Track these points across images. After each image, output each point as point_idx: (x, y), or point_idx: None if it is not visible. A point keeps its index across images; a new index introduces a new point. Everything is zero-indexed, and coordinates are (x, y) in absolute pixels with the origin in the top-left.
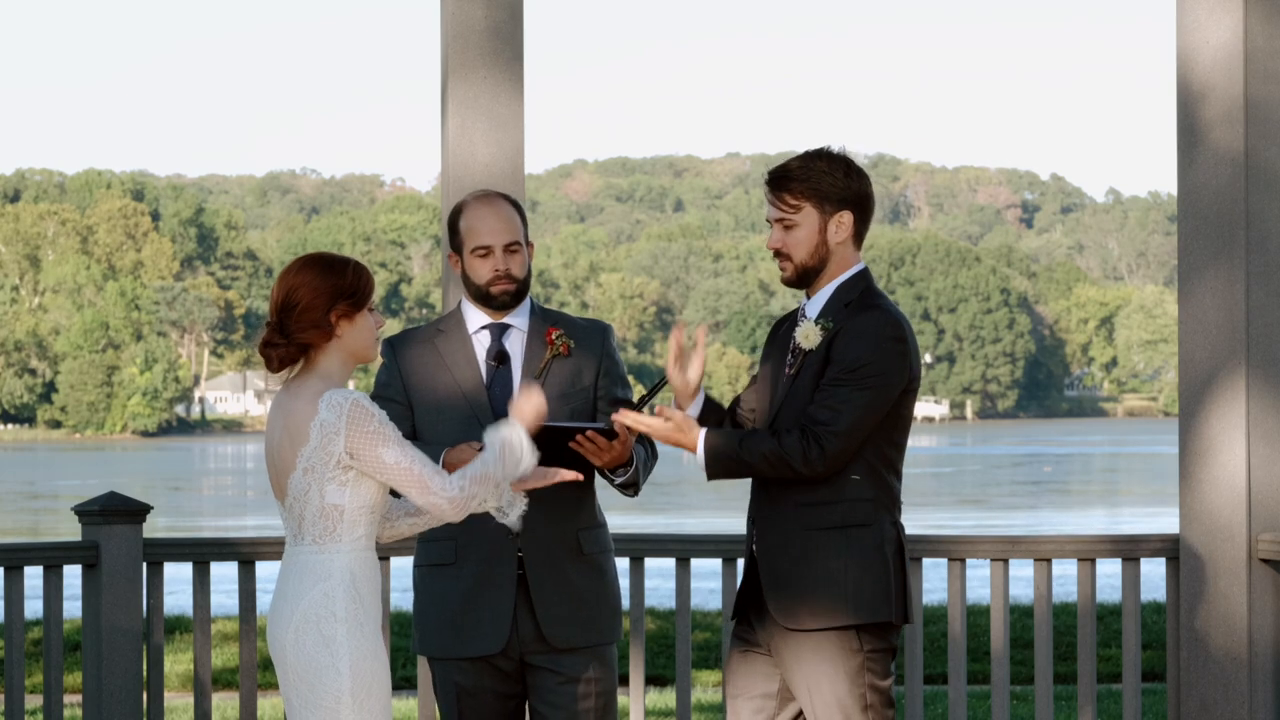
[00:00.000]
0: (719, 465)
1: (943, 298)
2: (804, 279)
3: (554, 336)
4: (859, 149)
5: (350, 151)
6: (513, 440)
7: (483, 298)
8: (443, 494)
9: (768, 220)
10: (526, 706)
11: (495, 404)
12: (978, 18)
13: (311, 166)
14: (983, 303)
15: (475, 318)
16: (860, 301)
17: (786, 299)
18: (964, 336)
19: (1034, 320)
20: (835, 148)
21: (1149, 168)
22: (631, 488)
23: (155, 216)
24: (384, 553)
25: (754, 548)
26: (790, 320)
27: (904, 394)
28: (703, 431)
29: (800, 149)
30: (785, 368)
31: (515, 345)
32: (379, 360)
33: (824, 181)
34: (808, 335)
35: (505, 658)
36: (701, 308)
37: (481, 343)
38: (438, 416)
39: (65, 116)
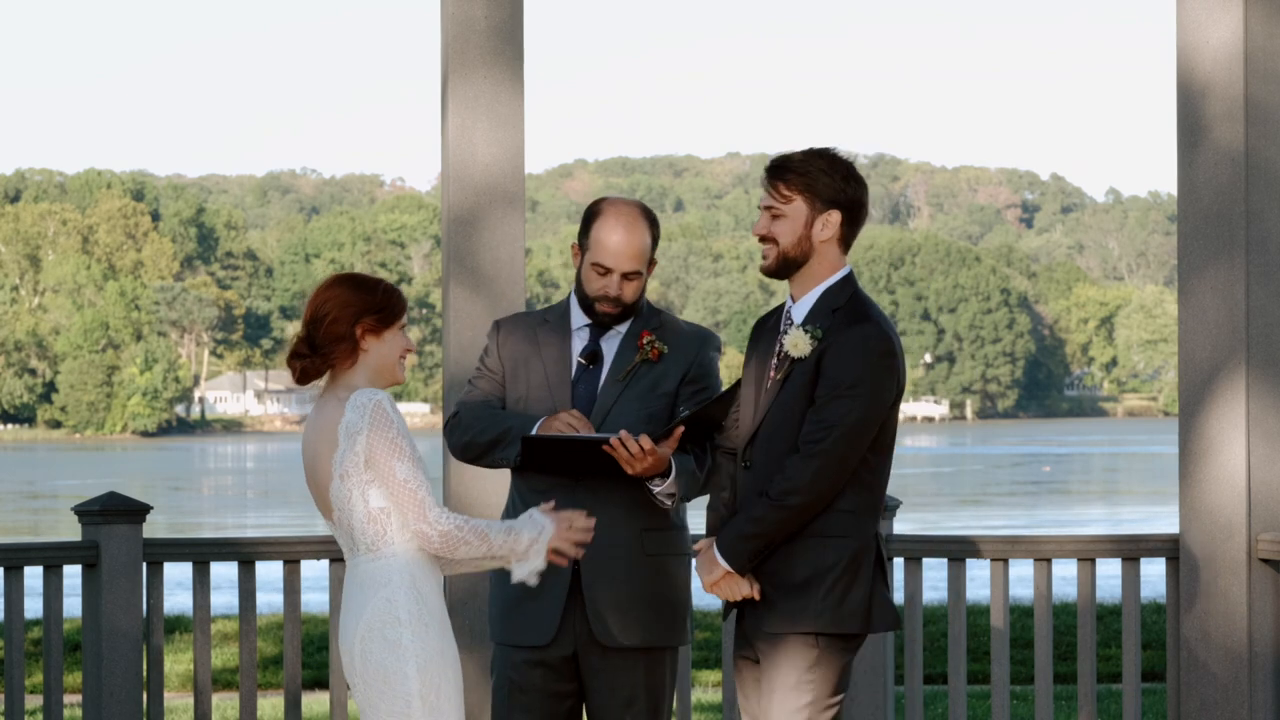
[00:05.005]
0: (750, 557)
1: (943, 298)
2: (784, 269)
3: (644, 341)
4: (859, 149)
5: (350, 151)
6: (527, 540)
7: (586, 307)
8: (437, 525)
9: (759, 207)
10: (584, 709)
11: (578, 402)
12: (978, 18)
13: (311, 166)
14: (983, 303)
15: (580, 315)
16: (849, 309)
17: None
18: (964, 336)
19: (1034, 320)
20: (841, 151)
21: (1149, 167)
22: (671, 498)
23: (155, 216)
24: None
25: None
26: (774, 320)
27: (890, 406)
28: (714, 550)
29: (801, 149)
30: (769, 370)
31: (610, 346)
32: (405, 382)
33: (820, 180)
34: (796, 344)
35: (558, 654)
36: (701, 308)
37: (580, 339)
38: (521, 405)
39: (65, 116)
